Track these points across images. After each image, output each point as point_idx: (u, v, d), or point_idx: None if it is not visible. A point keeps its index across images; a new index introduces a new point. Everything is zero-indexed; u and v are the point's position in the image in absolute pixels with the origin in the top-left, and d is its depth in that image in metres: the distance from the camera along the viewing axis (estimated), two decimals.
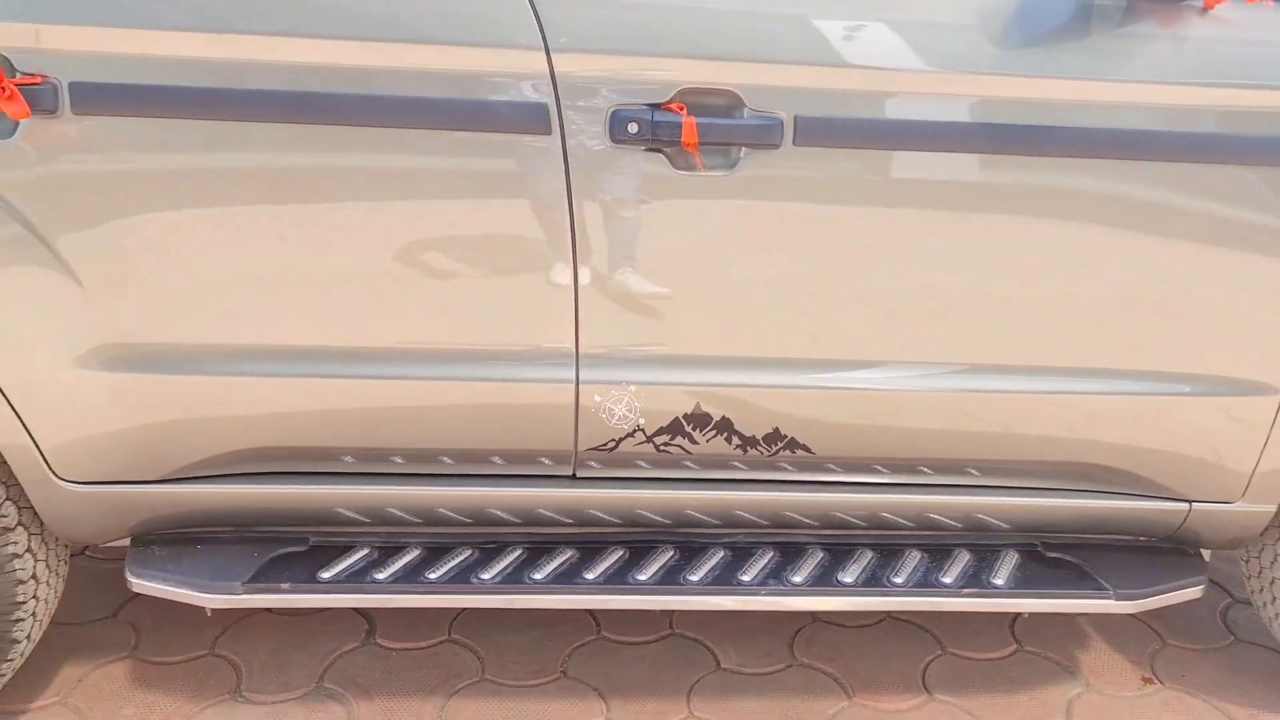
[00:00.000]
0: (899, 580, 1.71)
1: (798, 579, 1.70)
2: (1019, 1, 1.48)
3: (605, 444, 1.62)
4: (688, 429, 1.61)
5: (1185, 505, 1.71)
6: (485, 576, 1.68)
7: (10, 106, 1.36)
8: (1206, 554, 1.86)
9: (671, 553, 1.74)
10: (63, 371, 1.51)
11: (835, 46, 1.46)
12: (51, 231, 1.44)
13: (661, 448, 1.63)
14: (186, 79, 1.40)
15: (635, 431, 1.61)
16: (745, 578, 1.70)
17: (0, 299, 1.46)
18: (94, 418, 1.54)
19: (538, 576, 1.68)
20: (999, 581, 1.72)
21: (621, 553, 1.74)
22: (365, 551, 1.72)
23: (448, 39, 1.42)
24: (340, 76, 1.41)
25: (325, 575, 1.67)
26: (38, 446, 1.55)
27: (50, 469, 1.57)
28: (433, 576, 1.67)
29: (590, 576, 1.69)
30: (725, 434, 1.62)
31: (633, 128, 1.43)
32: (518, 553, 1.73)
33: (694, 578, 1.70)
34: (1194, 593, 1.75)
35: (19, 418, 1.52)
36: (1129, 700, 1.95)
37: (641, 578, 1.69)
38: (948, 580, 1.72)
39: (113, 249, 1.45)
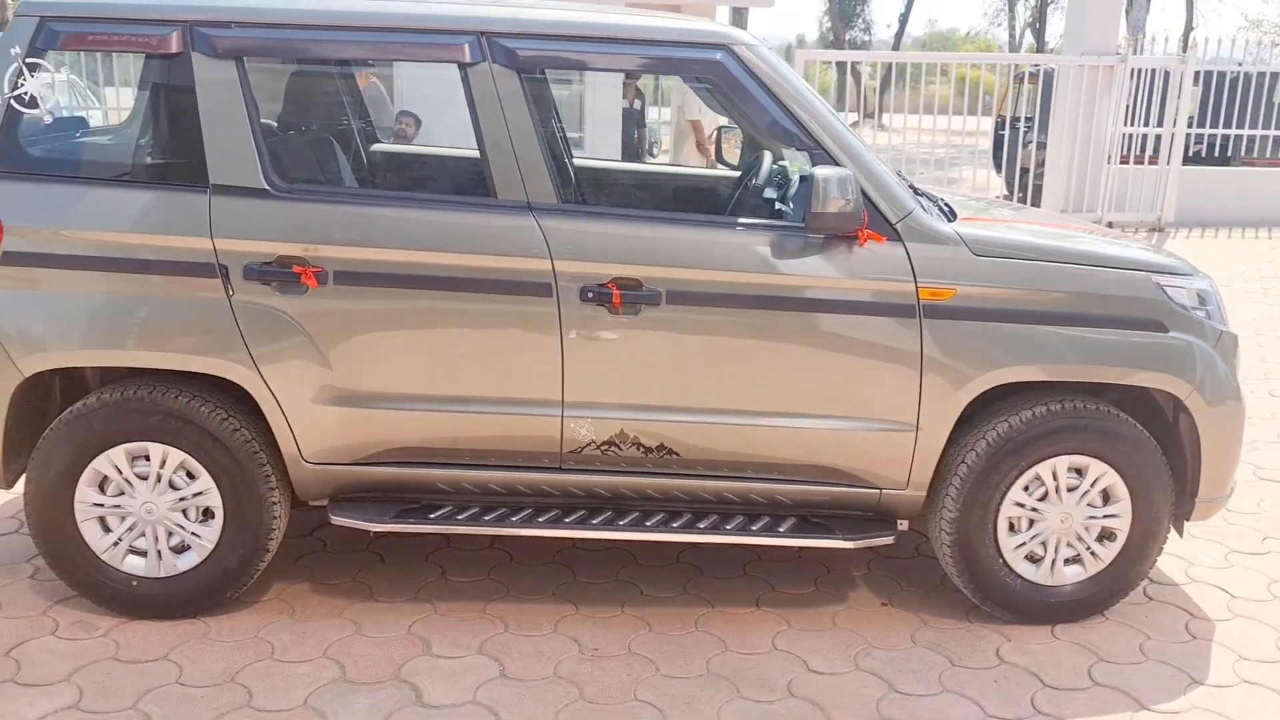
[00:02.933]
0: (729, 528, 3.26)
1: (676, 525, 3.25)
2: (770, 238, 3.13)
3: (575, 449, 3.21)
4: (617, 442, 3.20)
5: (878, 491, 3.28)
6: (513, 520, 3.24)
7: (308, 281, 3.02)
8: (904, 524, 3.39)
9: (610, 511, 3.30)
10: (315, 407, 3.12)
11: (686, 257, 3.11)
12: (318, 339, 3.07)
13: (605, 452, 3.21)
14: (386, 269, 3.05)
15: (591, 443, 3.20)
16: (648, 524, 3.25)
17: (295, 372, 3.08)
18: (325, 429, 3.15)
19: (540, 520, 3.24)
20: (782, 529, 3.26)
21: (584, 511, 3.29)
22: (450, 508, 3.28)
23: (508, 253, 3.07)
24: (456, 269, 3.06)
25: (431, 516, 3.24)
26: (297, 443, 3.15)
27: (301, 455, 3.17)
28: (486, 519, 3.24)
29: (567, 521, 3.24)
30: (636, 445, 3.21)
31: (589, 294, 3.07)
32: (528, 510, 3.29)
33: (622, 523, 3.25)
34: (887, 539, 3.27)
35: (291, 429, 3.13)
36: (870, 613, 3.46)
37: (594, 522, 3.25)
38: (755, 529, 3.26)
39: (345, 347, 3.09)
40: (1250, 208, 12.18)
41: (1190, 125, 12.28)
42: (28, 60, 3.01)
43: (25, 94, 3.01)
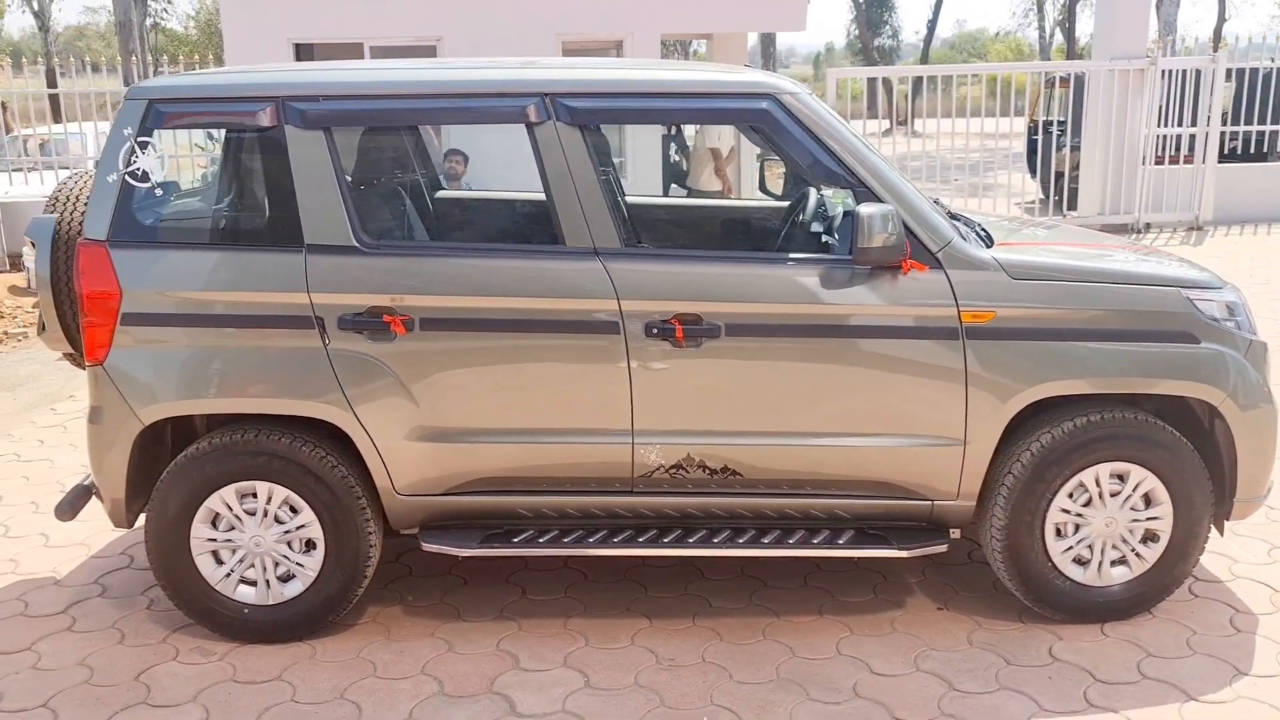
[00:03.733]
0: (791, 542, 3.48)
1: (741, 541, 3.49)
2: (820, 270, 3.36)
3: (645, 474, 3.45)
4: (684, 466, 3.44)
5: (929, 503, 3.49)
6: (590, 541, 3.49)
7: (397, 329, 3.30)
8: (956, 533, 3.60)
9: (679, 530, 3.54)
10: (405, 443, 3.39)
11: (743, 292, 3.35)
12: (407, 381, 3.35)
13: (673, 475, 3.45)
14: (467, 315, 3.32)
15: (660, 467, 3.44)
16: (716, 540, 3.49)
17: (387, 411, 3.36)
18: (415, 463, 3.42)
19: (615, 540, 3.49)
20: (841, 542, 3.48)
21: (655, 531, 3.54)
22: (531, 531, 3.54)
23: (578, 295, 3.33)
24: (531, 312, 3.32)
25: (515, 541, 3.49)
26: (390, 477, 3.43)
27: (394, 488, 3.44)
28: (565, 541, 3.49)
29: (640, 541, 3.49)
30: (702, 468, 3.45)
31: (654, 330, 3.32)
32: (603, 531, 3.54)
33: (691, 540, 3.49)
34: (941, 548, 3.49)
35: (384, 464, 3.41)
36: (927, 617, 3.67)
37: (665, 541, 3.49)
38: (816, 542, 3.48)
39: (433, 387, 3.36)
40: None
41: (1225, 122, 12.33)
42: (139, 139, 3.32)
43: (138, 170, 3.32)
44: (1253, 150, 12.93)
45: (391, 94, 3.39)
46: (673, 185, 11.16)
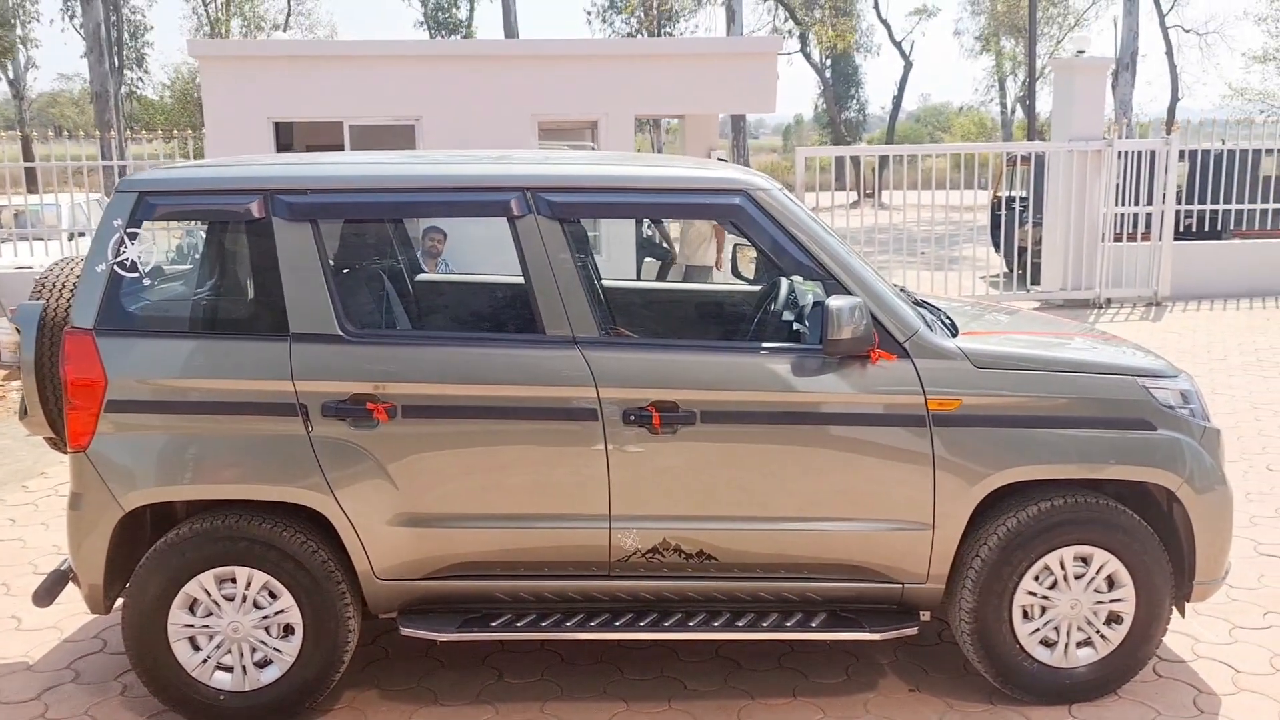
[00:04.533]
0: (765, 625, 3.54)
1: (716, 624, 3.54)
2: (792, 360, 3.47)
3: (622, 558, 3.51)
4: (660, 550, 3.51)
5: (900, 586, 3.57)
6: (567, 625, 3.53)
7: (380, 416, 3.37)
8: (926, 615, 3.67)
9: (655, 614, 3.59)
10: (386, 528, 3.44)
11: (717, 380, 3.45)
12: (389, 467, 3.40)
13: (649, 559, 3.51)
14: (449, 402, 3.40)
15: (636, 552, 3.51)
16: (691, 623, 3.54)
17: (368, 497, 3.41)
18: (395, 548, 3.46)
19: (592, 624, 3.53)
20: (813, 625, 3.55)
21: (631, 614, 3.58)
22: (508, 616, 3.58)
23: (557, 383, 3.42)
24: (512, 399, 3.40)
25: (493, 625, 3.53)
26: (370, 562, 3.47)
27: (374, 573, 3.48)
28: (543, 625, 3.53)
29: (617, 624, 3.54)
30: (678, 552, 3.51)
31: (631, 417, 3.41)
32: (580, 615, 3.58)
33: (667, 624, 3.54)
34: (911, 630, 3.56)
35: (364, 549, 3.45)
36: (899, 699, 3.73)
37: (642, 624, 3.54)
38: (789, 624, 3.54)
39: (414, 473, 3.42)
40: (1243, 279, 12.56)
41: (1180, 200, 12.73)
42: (128, 230, 3.41)
43: (127, 260, 3.40)
44: (1206, 228, 13.33)
45: (377, 188, 3.49)
46: (647, 259, 11.35)
